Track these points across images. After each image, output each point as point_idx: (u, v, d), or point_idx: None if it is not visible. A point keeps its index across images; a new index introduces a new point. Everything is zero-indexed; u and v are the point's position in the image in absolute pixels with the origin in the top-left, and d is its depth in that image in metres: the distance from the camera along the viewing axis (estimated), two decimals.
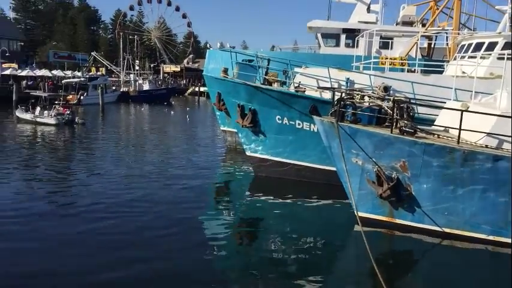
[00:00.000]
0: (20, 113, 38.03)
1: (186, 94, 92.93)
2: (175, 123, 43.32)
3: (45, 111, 36.40)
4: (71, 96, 57.46)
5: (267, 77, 18.24)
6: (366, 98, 13.87)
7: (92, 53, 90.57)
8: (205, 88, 72.26)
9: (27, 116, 36.85)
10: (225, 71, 18.79)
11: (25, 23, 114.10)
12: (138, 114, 55.54)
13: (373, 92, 14.85)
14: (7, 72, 62.62)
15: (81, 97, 58.61)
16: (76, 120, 36.52)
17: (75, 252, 11.02)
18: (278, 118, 17.89)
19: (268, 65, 18.69)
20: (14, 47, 79.35)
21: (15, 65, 69.37)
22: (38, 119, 35.94)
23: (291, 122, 17.78)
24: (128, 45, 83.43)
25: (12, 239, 11.76)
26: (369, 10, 28.41)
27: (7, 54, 67.59)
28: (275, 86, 18.17)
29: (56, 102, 38.38)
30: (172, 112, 53.92)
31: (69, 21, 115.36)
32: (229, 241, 12.63)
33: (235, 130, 23.31)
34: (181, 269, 10.34)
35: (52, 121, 35.21)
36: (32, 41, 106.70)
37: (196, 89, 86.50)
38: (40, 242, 11.60)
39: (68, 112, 36.58)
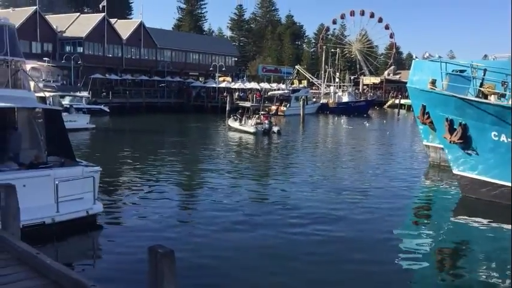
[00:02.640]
0: (231, 122, 42.48)
1: (385, 106, 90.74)
2: (373, 136, 42.60)
3: (249, 121, 39.71)
4: (273, 107, 61.75)
5: (482, 89, 16.50)
6: None
7: (295, 67, 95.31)
8: (406, 100, 69.60)
9: (235, 124, 40.84)
10: (433, 82, 17.59)
11: (239, 40, 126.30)
12: (335, 125, 56.34)
13: None
14: (222, 85, 70.14)
15: (284, 108, 62.25)
16: (273, 129, 38.62)
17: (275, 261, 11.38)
18: (494, 135, 15.98)
19: (483, 75, 16.89)
20: (229, 62, 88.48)
21: (229, 79, 77.38)
22: (241, 127, 39.51)
23: (509, 140, 15.72)
24: (330, 58, 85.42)
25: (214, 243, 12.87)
26: None
27: (223, 69, 75.69)
28: (492, 99, 16.31)
29: (261, 112, 41.56)
30: (367, 124, 52.99)
31: (277, 38, 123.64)
32: (429, 270, 11.56)
33: (440, 145, 21.69)
34: None
35: (251, 129, 38.08)
36: (244, 57, 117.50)
37: (396, 101, 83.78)
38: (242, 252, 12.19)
39: (267, 121, 38.98)
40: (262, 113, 41.55)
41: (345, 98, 74.60)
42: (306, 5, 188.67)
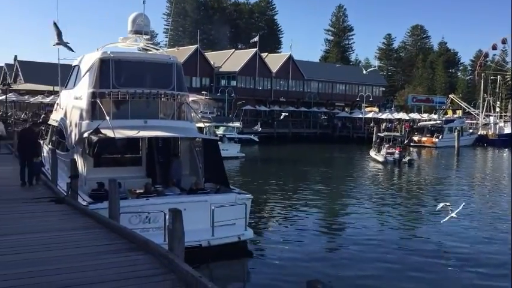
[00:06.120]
0: (371, 152, 43.67)
1: None
2: None
3: (383, 150, 40.25)
4: (425, 138, 59.02)
5: None
6: None
7: (449, 96, 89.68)
8: None
9: (372, 154, 42.41)
10: None
11: (387, 70, 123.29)
12: (495, 159, 51.26)
13: None
14: (369, 115, 68.85)
15: (436, 139, 58.91)
16: (403, 159, 38.24)
17: None
18: None
19: None
20: (376, 92, 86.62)
21: (376, 109, 75.74)
22: (375, 157, 40.96)
23: None
24: (489, 86, 78.64)
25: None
26: None
27: (370, 99, 74.35)
28: None
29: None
30: None
31: (428, 66, 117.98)
32: None
33: None
34: None
35: (380, 158, 39.27)
36: (392, 86, 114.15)
37: None
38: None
39: (397, 151, 38.72)
40: (394, 143, 40.84)
41: (508, 130, 67.73)
42: (461, 31, 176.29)
